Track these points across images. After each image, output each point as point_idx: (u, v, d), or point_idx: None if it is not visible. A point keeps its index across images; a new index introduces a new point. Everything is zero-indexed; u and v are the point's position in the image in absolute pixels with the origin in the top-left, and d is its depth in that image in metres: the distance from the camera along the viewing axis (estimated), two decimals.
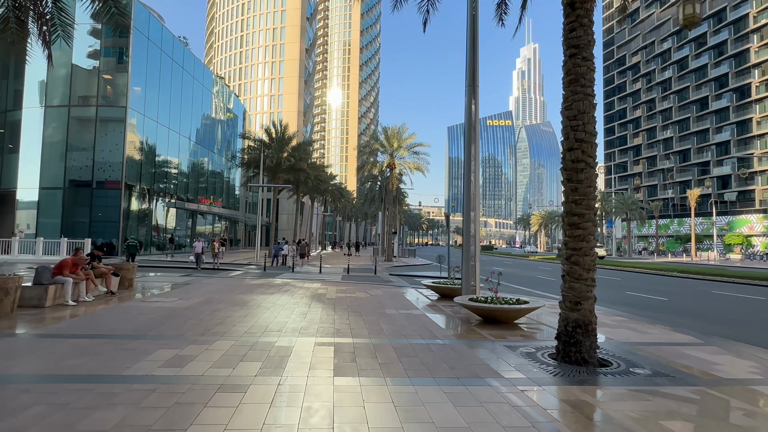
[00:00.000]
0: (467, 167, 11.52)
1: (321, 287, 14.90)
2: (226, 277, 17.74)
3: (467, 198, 11.45)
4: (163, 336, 6.85)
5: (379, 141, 36.12)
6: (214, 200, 43.55)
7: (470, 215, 11.38)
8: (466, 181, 11.52)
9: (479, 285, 11.43)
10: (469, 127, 11.55)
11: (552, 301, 13.23)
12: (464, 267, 11.35)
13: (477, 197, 11.49)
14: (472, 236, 11.36)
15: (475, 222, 11.42)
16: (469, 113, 11.52)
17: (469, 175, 11.46)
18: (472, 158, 11.46)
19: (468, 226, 11.39)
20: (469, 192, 11.44)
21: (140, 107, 32.64)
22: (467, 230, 11.40)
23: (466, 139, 11.61)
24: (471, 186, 11.42)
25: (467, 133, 11.60)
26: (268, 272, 22.30)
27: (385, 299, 12.26)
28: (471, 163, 11.45)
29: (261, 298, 11.64)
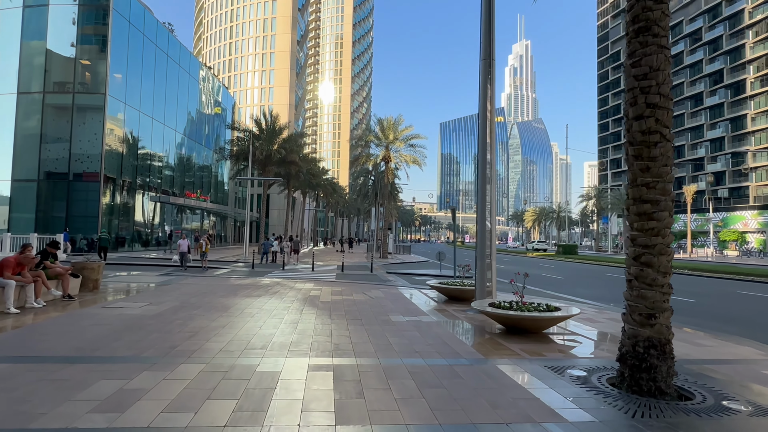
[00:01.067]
0: (482, 154, 10.10)
1: (314, 288, 13.42)
2: (210, 277, 16.18)
3: (482, 188, 10.03)
4: (112, 357, 5.34)
5: (373, 133, 34.59)
6: (202, 194, 41.73)
7: (486, 207, 9.98)
8: (481, 170, 10.10)
9: (496, 287, 10.04)
10: (483, 108, 10.11)
11: (571, 303, 11.91)
12: (479, 266, 9.94)
13: (493, 187, 10.08)
14: (489, 231, 9.96)
15: (492, 215, 10.02)
16: (483, 92, 10.09)
17: (484, 164, 10.04)
18: (488, 144, 10.04)
19: (483, 220, 9.99)
20: (484, 182, 10.02)
21: (121, 95, 30.76)
22: (482, 224, 9.99)
23: (480, 122, 10.18)
24: (487, 175, 10.01)
25: (481, 115, 10.17)
26: (256, 270, 20.75)
27: (387, 302, 10.84)
28: (486, 149, 10.03)
29: (246, 302, 10.14)
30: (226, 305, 9.50)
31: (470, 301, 11.36)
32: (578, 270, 27.41)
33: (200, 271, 17.52)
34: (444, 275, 20.72)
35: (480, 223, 10.03)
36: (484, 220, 9.98)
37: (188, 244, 17.64)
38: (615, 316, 9.91)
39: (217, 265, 23.18)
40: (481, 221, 10.01)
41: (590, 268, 29.58)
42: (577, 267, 29.83)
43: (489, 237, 9.96)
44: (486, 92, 10.05)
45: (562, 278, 20.89)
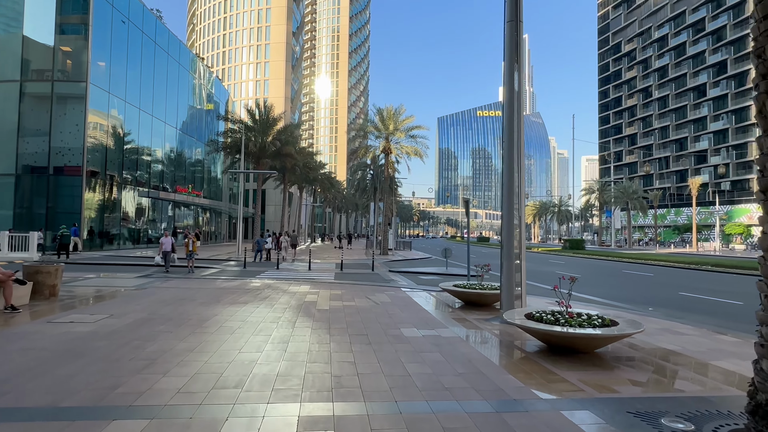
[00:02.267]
0: (507, 134, 8.49)
1: (310, 291, 11.84)
2: (195, 278, 14.57)
3: (509, 175, 8.44)
4: (14, 410, 3.74)
5: (373, 123, 32.88)
6: (194, 190, 39.98)
7: (513, 198, 8.40)
8: (507, 153, 8.50)
9: (526, 292, 8.48)
10: (509, 78, 8.49)
11: (603, 307, 10.38)
12: (505, 268, 8.37)
13: (522, 175, 8.50)
14: (516, 226, 8.39)
15: (521, 207, 8.44)
16: (510, 60, 8.47)
17: (511, 146, 8.44)
18: (516, 124, 8.44)
19: (510, 213, 8.41)
20: (511, 168, 8.43)
21: (104, 84, 28.94)
22: (508, 219, 8.41)
23: (506, 96, 8.57)
24: (514, 158, 8.41)
25: (507, 87, 8.56)
26: (248, 270, 19.16)
27: (396, 309, 9.27)
28: (514, 129, 8.42)
29: (228, 312, 8.54)
30: (203, 317, 7.90)
31: (491, 307, 9.84)
32: (591, 267, 25.91)
33: (186, 272, 15.82)
34: (451, 274, 19.19)
35: (506, 218, 8.45)
36: (512, 213, 8.40)
37: (172, 242, 15.91)
38: (666, 324, 8.37)
39: (207, 264, 21.58)
40: (507, 215, 8.43)
41: (603, 264, 28.10)
42: (589, 263, 28.36)
43: (516, 235, 8.39)
44: (512, 60, 8.44)
45: (579, 276, 19.35)
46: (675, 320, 9.03)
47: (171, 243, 15.55)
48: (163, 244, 15.81)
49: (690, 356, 6.12)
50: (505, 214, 8.45)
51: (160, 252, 15.94)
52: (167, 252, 15.63)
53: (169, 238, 15.56)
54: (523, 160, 8.55)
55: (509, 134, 8.44)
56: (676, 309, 11.15)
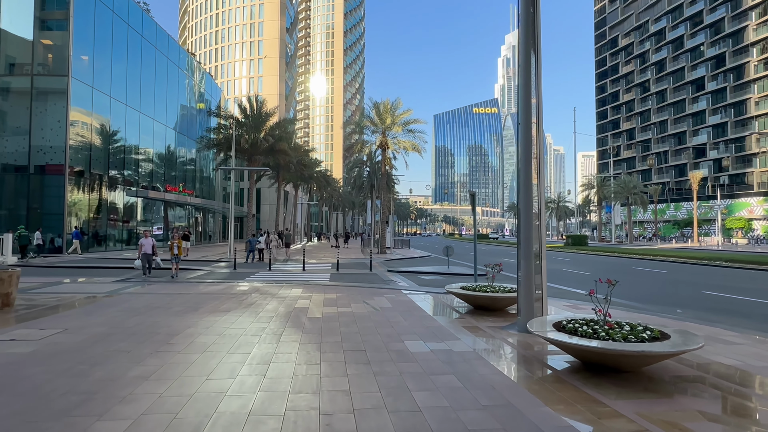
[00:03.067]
0: (524, 113, 7.40)
1: (302, 295, 10.73)
2: (178, 282, 13.42)
3: (525, 165, 7.35)
4: None
5: (369, 118, 31.69)
6: (185, 188, 38.69)
7: (530, 190, 7.31)
8: (523, 139, 7.40)
9: (547, 297, 7.40)
10: (525, 40, 7.40)
11: (628, 310, 9.32)
12: (523, 268, 7.28)
13: (541, 164, 7.41)
14: (535, 219, 7.30)
15: (540, 199, 7.36)
16: (525, 16, 7.38)
17: (528, 131, 7.35)
18: (533, 105, 7.35)
19: (528, 205, 7.32)
20: (527, 150, 7.34)
21: (87, 78, 27.64)
22: (526, 212, 7.32)
23: (522, 61, 7.48)
24: (531, 138, 7.33)
25: (522, 51, 7.46)
26: (238, 272, 18.03)
27: (398, 316, 8.18)
28: (531, 104, 7.33)
29: (204, 323, 7.42)
30: (174, 330, 6.78)
31: (504, 312, 8.78)
32: (599, 263, 24.90)
33: (170, 276, 14.58)
34: (454, 274, 18.14)
35: (523, 211, 7.36)
36: (529, 205, 7.31)
37: (153, 243, 14.37)
38: (709, 331, 7.29)
39: (196, 265, 20.43)
40: (525, 208, 7.34)
41: (610, 261, 27.09)
42: (596, 260, 27.35)
43: (536, 230, 7.31)
44: (528, 40, 7.35)
45: (588, 274, 18.34)
46: (713, 324, 7.97)
47: (151, 244, 14.30)
48: (142, 245, 14.29)
49: (758, 374, 5.06)
50: (522, 207, 7.35)
51: (140, 255, 14.59)
52: (147, 254, 14.31)
53: (149, 239, 14.30)
54: (542, 145, 7.46)
55: (525, 115, 7.34)
56: (705, 311, 10.11)
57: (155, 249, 14.42)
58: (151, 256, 14.25)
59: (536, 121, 7.32)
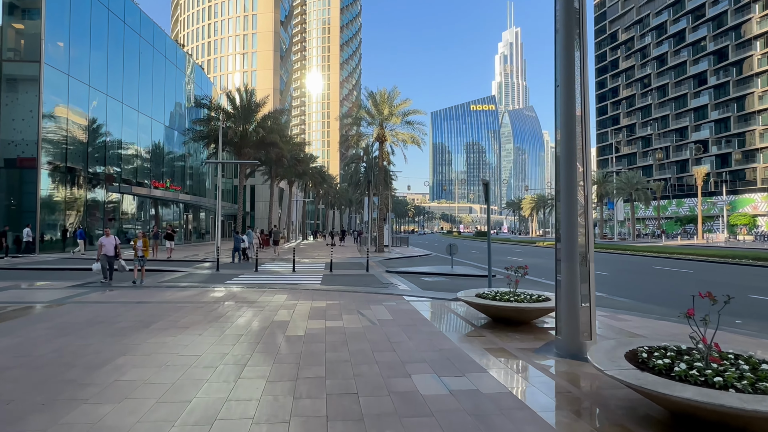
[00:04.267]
0: (564, 68, 5.68)
1: (285, 304, 9.01)
2: (143, 288, 11.66)
3: (568, 138, 5.64)
4: None
5: (365, 108, 29.90)
6: (172, 184, 36.81)
7: (573, 171, 5.61)
8: (563, 104, 5.69)
9: (594, 310, 5.71)
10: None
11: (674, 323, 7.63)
12: (564, 274, 5.59)
13: (588, 136, 5.70)
14: (580, 210, 5.61)
15: (587, 183, 5.66)
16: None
17: (569, 89, 5.64)
18: (578, 58, 5.64)
19: (570, 192, 5.62)
20: (569, 124, 5.63)
21: (63, 65, 25.75)
22: (568, 201, 5.62)
23: (560, 20, 5.76)
24: (575, 110, 5.62)
25: (560, 9, 5.75)
26: (220, 273, 16.29)
27: (400, 333, 6.48)
28: (575, 62, 5.62)
29: (147, 347, 5.69)
30: (101, 360, 5.04)
31: (530, 326, 7.10)
32: (615, 263, 23.22)
33: (140, 281, 12.49)
34: (459, 274, 16.47)
35: (565, 200, 5.65)
36: (573, 191, 5.61)
37: (116, 243, 12.28)
38: None
39: (176, 266, 18.65)
40: (568, 195, 5.63)
41: (623, 259, 25.42)
42: (610, 258, 25.64)
43: (582, 222, 5.61)
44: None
45: (607, 274, 16.68)
46: None
47: (114, 244, 12.13)
48: (102, 245, 11.99)
49: None
50: (563, 198, 5.65)
51: (98, 257, 12.12)
52: (109, 256, 12.09)
53: (110, 238, 12.17)
54: (589, 112, 5.75)
55: (566, 72, 5.63)
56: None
57: (119, 250, 12.44)
58: (113, 258, 12.24)
59: (581, 81, 5.62)
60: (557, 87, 5.82)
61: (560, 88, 5.70)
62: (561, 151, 5.66)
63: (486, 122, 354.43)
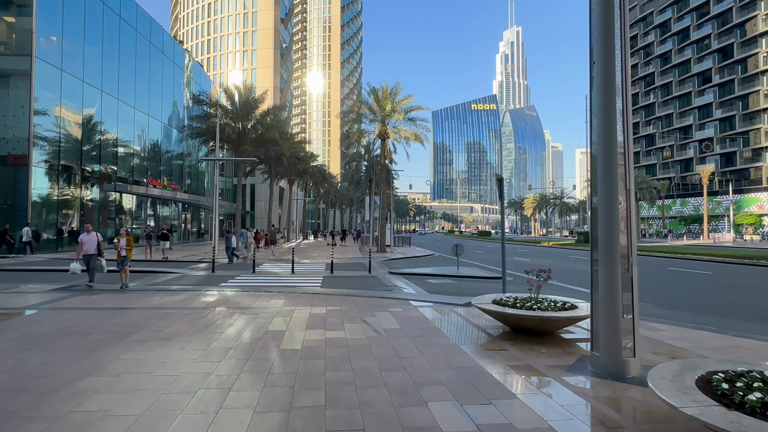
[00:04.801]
0: (602, 50, 4.91)
1: (282, 310, 8.25)
2: (129, 292, 10.89)
3: (605, 123, 4.87)
4: None
5: (367, 104, 29.10)
6: (169, 183, 36.04)
7: (613, 161, 4.84)
8: (601, 89, 4.92)
9: (638, 324, 4.93)
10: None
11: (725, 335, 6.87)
12: (602, 281, 4.81)
13: (629, 121, 4.92)
14: (621, 205, 4.84)
15: (628, 177, 4.89)
16: None
17: (608, 58, 4.87)
18: (618, 25, 4.87)
19: (609, 186, 4.84)
20: (608, 108, 4.86)
21: (55, 60, 25.00)
22: (607, 196, 4.84)
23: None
24: (615, 80, 4.85)
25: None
26: (215, 275, 15.53)
27: (410, 347, 5.71)
28: (615, 30, 4.85)
29: (119, 365, 4.92)
30: (58, 383, 4.27)
31: (553, 336, 6.33)
32: None
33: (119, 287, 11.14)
34: (466, 276, 15.70)
35: (603, 195, 4.87)
36: (613, 185, 4.83)
37: (98, 241, 11.09)
38: None
39: (172, 267, 17.90)
40: (606, 189, 4.86)
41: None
42: None
43: (623, 221, 4.83)
44: None
45: None
46: None
47: (96, 242, 11.08)
48: (82, 243, 10.88)
49: None
50: (602, 189, 4.86)
51: (79, 256, 11.01)
52: (90, 255, 11.00)
53: (92, 235, 11.03)
54: (629, 90, 4.97)
55: (605, 40, 4.85)
56: None
57: (101, 248, 11.30)
58: (95, 257, 11.10)
59: (622, 47, 4.84)
60: (593, 64, 5.05)
61: (598, 65, 4.93)
62: (599, 136, 4.88)
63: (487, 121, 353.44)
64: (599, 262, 4.87)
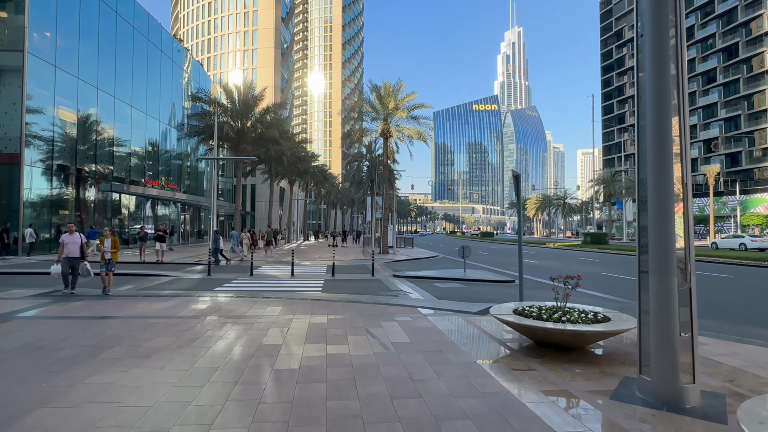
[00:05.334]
0: (653, 18, 4.17)
1: (279, 319, 7.50)
2: (114, 298, 10.15)
3: (657, 101, 4.12)
4: None
5: (369, 102, 28.36)
6: (167, 183, 35.33)
7: (666, 152, 4.09)
8: (653, 63, 4.17)
9: (696, 343, 4.19)
10: None
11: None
12: (655, 291, 4.05)
13: (686, 110, 4.18)
14: (677, 203, 4.10)
15: (686, 171, 4.14)
16: None
17: (659, 45, 4.13)
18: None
19: (661, 182, 4.09)
20: (659, 85, 4.11)
21: (49, 56, 24.32)
22: (658, 193, 4.09)
23: None
24: (668, 55, 4.11)
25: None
26: (212, 277, 14.80)
27: (425, 366, 4.96)
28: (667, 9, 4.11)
29: (82, 392, 4.17)
30: (5, 417, 3.54)
31: (585, 352, 5.58)
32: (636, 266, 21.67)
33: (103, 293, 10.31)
34: (474, 279, 14.93)
35: (653, 193, 4.12)
36: (667, 181, 4.08)
37: (82, 242, 10.10)
38: None
39: (167, 269, 17.16)
40: (659, 188, 4.11)
41: None
42: (631, 261, 24.11)
43: (679, 222, 4.09)
44: None
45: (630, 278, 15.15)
46: None
47: (79, 244, 10.08)
48: (64, 245, 9.92)
49: None
50: (653, 184, 4.11)
51: (59, 258, 10.01)
52: (72, 258, 9.99)
53: (75, 236, 10.08)
54: (686, 75, 4.24)
55: (655, 25, 4.11)
56: None
57: (85, 250, 10.29)
58: (78, 260, 10.12)
59: (678, 27, 4.10)
60: (640, 36, 4.31)
61: (647, 37, 4.18)
62: (651, 120, 4.13)
63: (488, 122, 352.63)
64: (651, 270, 4.12)
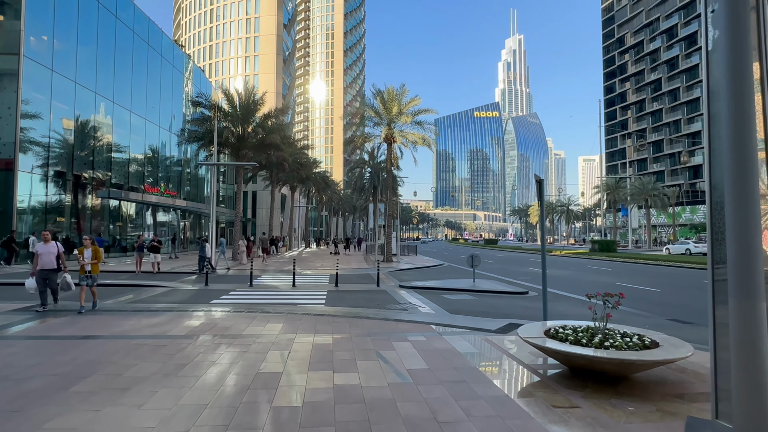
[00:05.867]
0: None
1: (279, 339, 6.76)
2: (97, 314, 9.42)
3: (736, 100, 3.41)
4: None
5: (372, 107, 27.75)
6: (166, 189, 34.69)
7: (750, 149, 3.37)
8: (729, 35, 3.47)
9: None
10: None
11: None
12: (736, 319, 3.29)
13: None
14: (763, 203, 3.37)
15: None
16: None
17: (737, 14, 3.42)
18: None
19: (746, 191, 3.37)
20: (739, 67, 3.40)
21: (46, 60, 23.80)
22: (744, 202, 3.36)
23: None
24: (748, 33, 3.40)
25: None
26: (210, 288, 14.05)
27: (449, 402, 4.22)
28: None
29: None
30: None
31: (630, 382, 4.82)
32: (653, 275, 20.81)
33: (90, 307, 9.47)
34: (484, 291, 14.18)
35: (732, 195, 3.37)
36: (750, 186, 3.35)
37: (59, 252, 9.18)
38: None
39: (162, 280, 16.43)
40: (738, 193, 3.38)
41: (660, 271, 22.98)
42: (643, 270, 23.21)
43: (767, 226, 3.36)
44: None
45: (657, 290, 14.33)
46: None
47: (56, 254, 9.09)
48: (38, 255, 8.97)
49: None
50: (732, 191, 3.38)
51: (35, 270, 9.02)
52: (47, 270, 9.01)
53: (50, 245, 9.08)
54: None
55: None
56: None
57: (63, 261, 9.26)
58: (54, 272, 9.13)
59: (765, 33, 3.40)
60: (711, 12, 3.62)
61: (719, 11, 3.48)
62: (727, 101, 3.42)
63: (489, 129, 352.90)
64: (730, 291, 3.39)
